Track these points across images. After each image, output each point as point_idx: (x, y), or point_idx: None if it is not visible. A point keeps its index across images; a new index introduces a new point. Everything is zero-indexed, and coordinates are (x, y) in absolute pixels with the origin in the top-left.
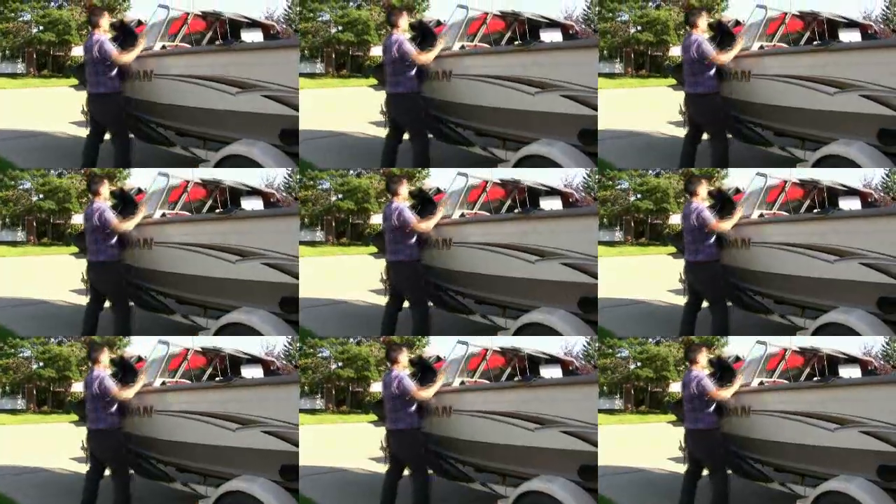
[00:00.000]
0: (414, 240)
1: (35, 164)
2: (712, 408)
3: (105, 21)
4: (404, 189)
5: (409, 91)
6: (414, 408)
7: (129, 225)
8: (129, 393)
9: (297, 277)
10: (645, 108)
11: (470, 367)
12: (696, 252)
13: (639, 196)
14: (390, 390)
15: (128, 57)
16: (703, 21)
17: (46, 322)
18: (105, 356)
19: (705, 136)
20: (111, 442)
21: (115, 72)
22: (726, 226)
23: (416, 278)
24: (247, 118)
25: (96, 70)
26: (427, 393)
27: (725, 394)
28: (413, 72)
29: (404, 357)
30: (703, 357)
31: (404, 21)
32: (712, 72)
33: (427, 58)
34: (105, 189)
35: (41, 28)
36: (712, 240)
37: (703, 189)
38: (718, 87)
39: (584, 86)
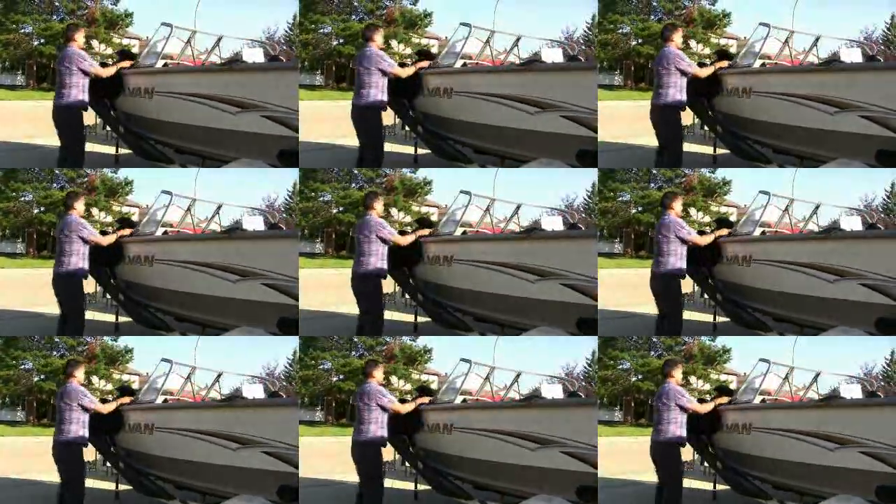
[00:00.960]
0: (385, 255)
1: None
2: (681, 423)
3: (80, 36)
4: (379, 205)
5: (371, 105)
6: (382, 423)
7: (108, 240)
8: (108, 407)
9: (296, 299)
10: (644, 121)
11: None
12: (661, 263)
13: (640, 209)
14: (362, 402)
15: (107, 71)
16: (677, 36)
17: (47, 334)
18: (80, 372)
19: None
20: (73, 455)
21: (83, 86)
22: (705, 240)
23: (378, 292)
24: (246, 138)
25: (68, 82)
26: (406, 407)
27: (704, 408)
28: (378, 87)
29: (379, 373)
30: (678, 371)
31: (379, 37)
32: (681, 89)
33: (406, 72)
34: (80, 204)
35: (42, 41)
36: (682, 256)
37: (677, 203)
38: (683, 103)
39: (584, 107)
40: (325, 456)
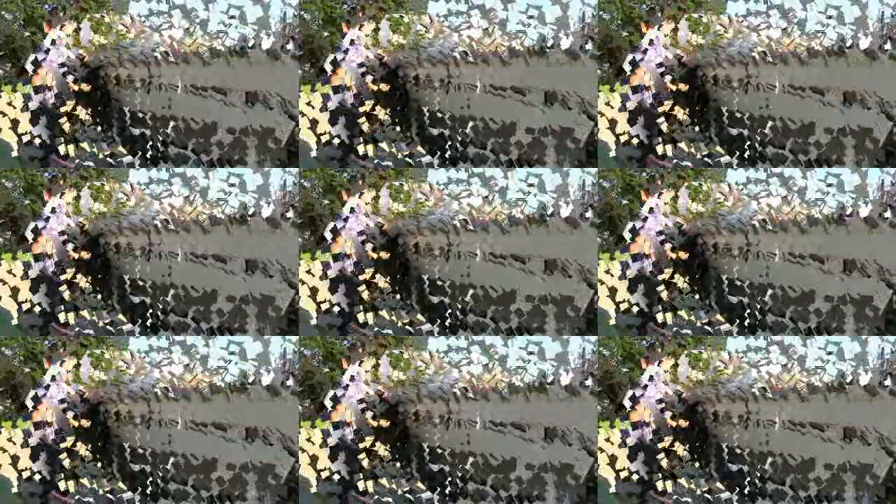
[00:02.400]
0: None
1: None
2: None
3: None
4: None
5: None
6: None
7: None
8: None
9: (297, 291)
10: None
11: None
12: None
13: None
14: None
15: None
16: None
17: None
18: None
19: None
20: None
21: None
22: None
23: None
24: (246, 130)
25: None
26: None
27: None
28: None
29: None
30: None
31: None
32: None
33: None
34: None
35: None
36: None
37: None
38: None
39: (583, 99)
40: (322, 449)
